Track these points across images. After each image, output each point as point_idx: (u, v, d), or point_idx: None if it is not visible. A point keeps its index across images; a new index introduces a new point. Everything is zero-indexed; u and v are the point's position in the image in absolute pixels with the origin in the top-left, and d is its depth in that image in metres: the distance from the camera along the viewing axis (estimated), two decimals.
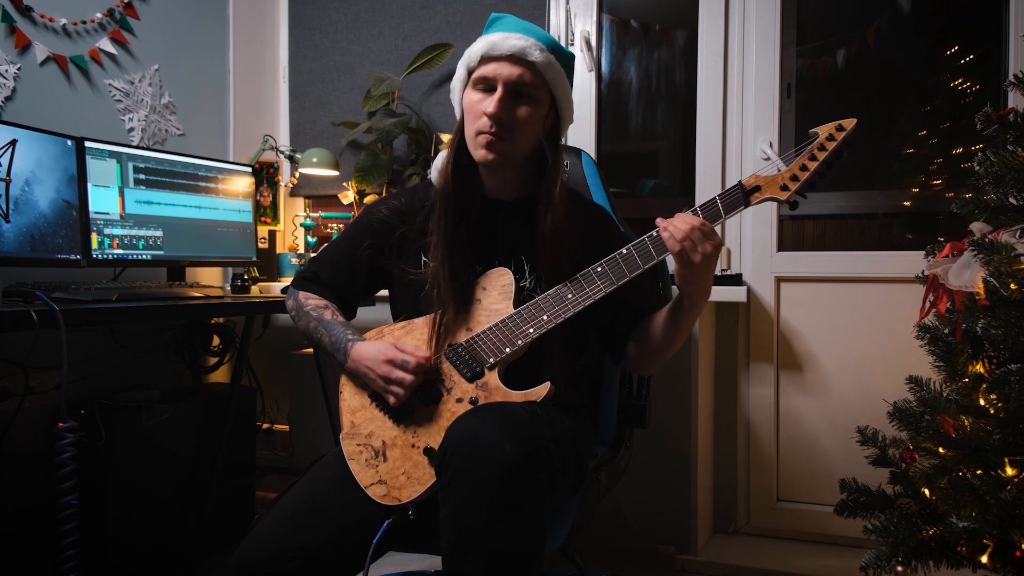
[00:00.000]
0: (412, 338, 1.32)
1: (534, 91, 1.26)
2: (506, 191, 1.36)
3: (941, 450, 1.54)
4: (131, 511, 1.94)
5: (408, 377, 1.22)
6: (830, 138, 1.18)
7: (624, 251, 1.22)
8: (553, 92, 1.29)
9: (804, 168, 1.18)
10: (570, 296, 1.23)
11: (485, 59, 1.25)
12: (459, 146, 1.31)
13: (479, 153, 1.27)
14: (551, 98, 1.30)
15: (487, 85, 1.26)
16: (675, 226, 1.16)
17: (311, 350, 2.47)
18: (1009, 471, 1.40)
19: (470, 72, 1.28)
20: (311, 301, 1.40)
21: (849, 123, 1.19)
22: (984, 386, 1.48)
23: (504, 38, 1.24)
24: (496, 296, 1.28)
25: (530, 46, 1.24)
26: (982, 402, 1.49)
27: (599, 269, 1.23)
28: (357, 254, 1.40)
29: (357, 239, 1.41)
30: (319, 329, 1.36)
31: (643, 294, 1.35)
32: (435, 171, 1.36)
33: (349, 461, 1.28)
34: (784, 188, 1.18)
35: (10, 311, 1.35)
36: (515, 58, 1.24)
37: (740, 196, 1.19)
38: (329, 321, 1.36)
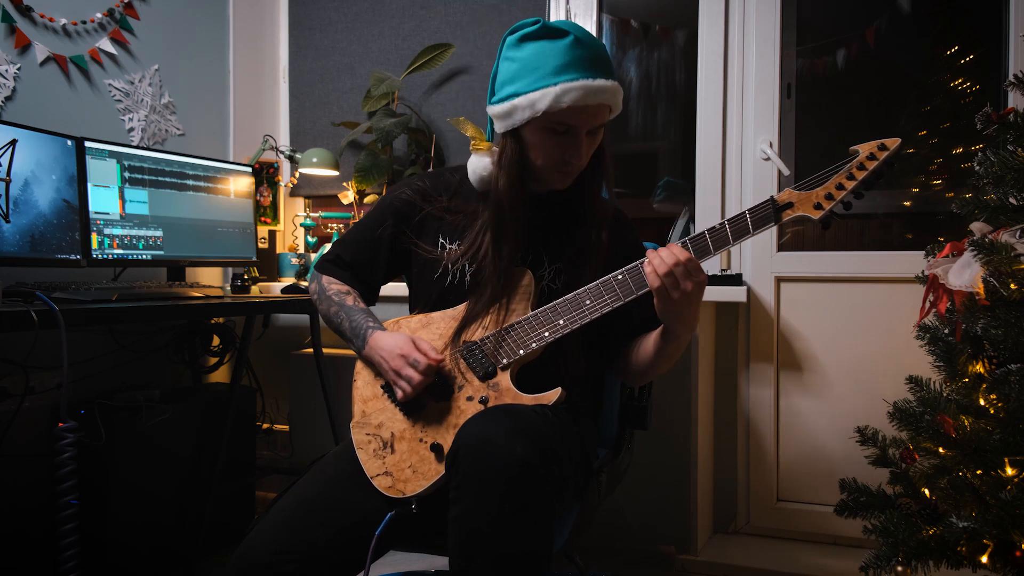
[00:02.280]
0: (428, 332, 1.32)
1: (605, 123, 1.26)
2: (539, 186, 1.35)
3: (941, 450, 1.54)
4: (131, 511, 1.94)
5: (416, 376, 1.23)
6: (871, 157, 1.14)
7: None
8: (612, 111, 1.28)
9: (841, 187, 1.14)
10: (588, 302, 1.23)
11: (572, 110, 1.19)
12: (522, 164, 1.27)
13: (554, 179, 1.28)
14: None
15: (568, 131, 1.22)
16: (660, 259, 1.15)
17: (311, 350, 2.47)
18: (1009, 471, 1.40)
19: (544, 113, 1.19)
20: (334, 286, 1.41)
21: (893, 143, 1.14)
22: (984, 386, 1.49)
23: (590, 90, 1.18)
24: (515, 296, 1.28)
25: (612, 90, 1.21)
26: (982, 402, 1.49)
27: (619, 278, 1.23)
28: (378, 234, 1.40)
29: (379, 219, 1.40)
30: (340, 314, 1.37)
31: (649, 308, 1.36)
32: (475, 176, 1.34)
33: (358, 450, 1.28)
34: (818, 207, 1.15)
35: (10, 311, 1.35)
36: (601, 106, 1.22)
37: (771, 212, 1.16)
38: (351, 307, 1.37)
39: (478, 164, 1.34)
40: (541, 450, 1.06)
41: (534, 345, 1.24)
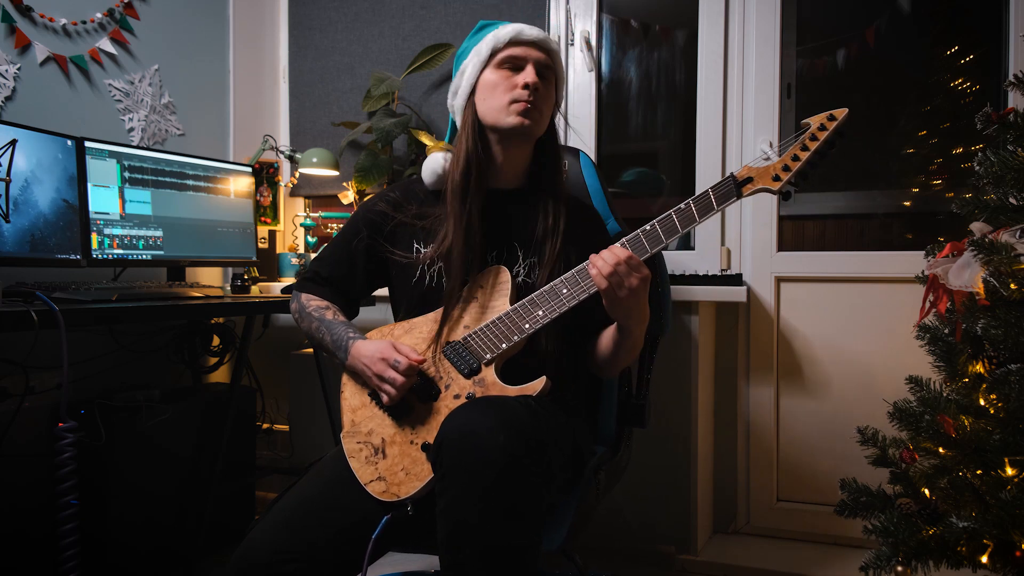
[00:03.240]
0: (411, 337, 1.33)
1: (552, 76, 1.37)
2: (507, 180, 1.39)
3: (941, 450, 1.54)
4: (131, 511, 1.94)
5: (399, 378, 1.23)
6: (821, 128, 1.20)
7: (618, 246, 1.23)
8: (557, 80, 1.39)
9: (796, 158, 1.19)
10: (564, 291, 1.25)
11: (514, 42, 1.33)
12: (479, 134, 1.36)
13: (513, 120, 1.32)
14: (556, 85, 1.40)
15: (515, 65, 1.33)
16: (602, 261, 1.19)
17: (311, 350, 2.48)
18: (1009, 471, 1.40)
19: (493, 53, 1.34)
20: (313, 303, 1.42)
21: (840, 113, 1.20)
22: (984, 386, 1.48)
23: (526, 27, 1.35)
24: (493, 293, 1.30)
25: (548, 37, 1.37)
26: (982, 402, 1.49)
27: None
28: (354, 246, 1.42)
29: (354, 232, 1.43)
30: (321, 329, 1.38)
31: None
32: (429, 171, 1.40)
33: (349, 459, 1.29)
34: (776, 179, 1.20)
35: (10, 311, 1.35)
36: (540, 44, 1.35)
37: (732, 187, 1.21)
38: (331, 321, 1.38)
39: (431, 162, 1.40)
40: (525, 440, 1.06)
41: (515, 338, 1.25)
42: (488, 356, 1.25)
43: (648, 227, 1.23)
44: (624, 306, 1.21)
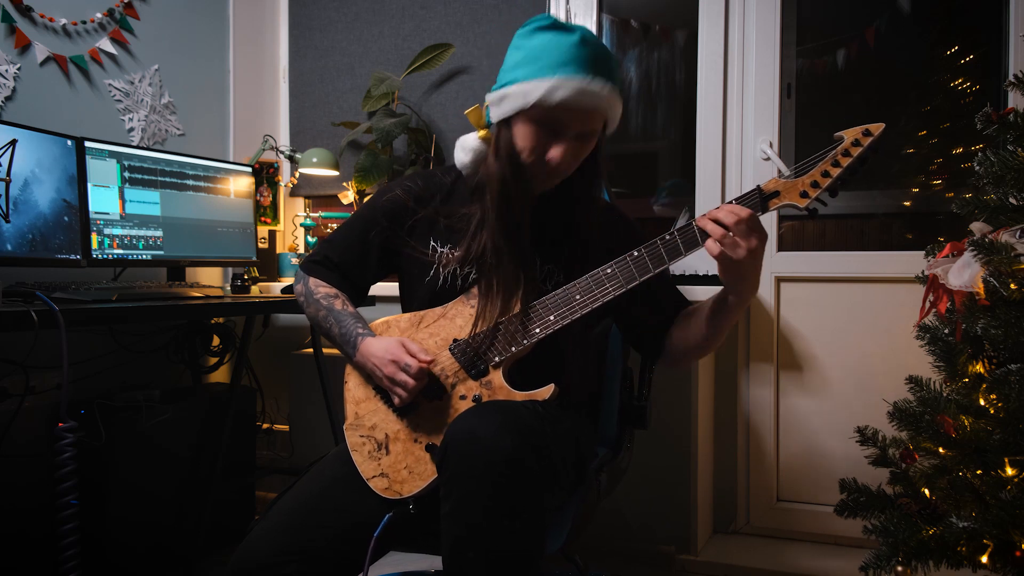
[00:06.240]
0: (419, 332, 1.31)
1: (596, 131, 1.24)
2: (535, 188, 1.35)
3: (941, 450, 1.55)
4: (131, 511, 1.94)
5: (411, 382, 1.21)
6: (856, 143, 1.13)
7: (635, 253, 1.20)
8: (607, 121, 1.27)
9: (826, 174, 1.14)
10: (578, 297, 1.23)
11: (564, 107, 1.18)
12: (512, 154, 1.26)
13: (538, 182, 1.26)
14: (604, 123, 1.28)
15: (554, 129, 1.21)
16: (715, 221, 1.12)
17: (311, 350, 2.47)
18: (1009, 471, 1.40)
19: (537, 104, 1.18)
20: (321, 289, 1.38)
21: (876, 128, 1.13)
22: (984, 386, 1.49)
23: (583, 90, 1.17)
24: (507, 294, 1.28)
25: (605, 98, 1.19)
26: (982, 402, 1.49)
27: (608, 271, 1.21)
28: (370, 237, 1.37)
29: (370, 220, 1.38)
30: (329, 319, 1.35)
31: (667, 294, 1.37)
32: (462, 151, 1.33)
33: (352, 452, 1.28)
34: (804, 195, 1.14)
35: (10, 311, 1.35)
36: (593, 111, 1.20)
37: (757, 201, 1.15)
38: (340, 311, 1.35)
39: (470, 140, 1.32)
40: (531, 445, 1.06)
41: (525, 342, 1.23)
42: (497, 359, 1.23)
43: (666, 236, 1.19)
44: (740, 270, 1.13)
